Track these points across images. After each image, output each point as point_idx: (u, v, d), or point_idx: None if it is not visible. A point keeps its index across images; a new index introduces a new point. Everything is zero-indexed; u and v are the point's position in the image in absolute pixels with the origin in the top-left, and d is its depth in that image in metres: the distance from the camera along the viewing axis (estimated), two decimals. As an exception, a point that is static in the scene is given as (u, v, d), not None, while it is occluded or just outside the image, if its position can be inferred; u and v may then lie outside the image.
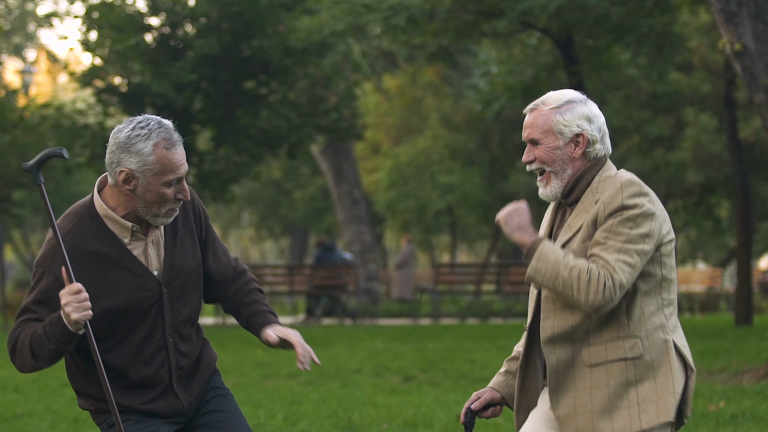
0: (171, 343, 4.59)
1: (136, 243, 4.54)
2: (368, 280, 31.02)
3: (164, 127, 4.48)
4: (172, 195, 4.47)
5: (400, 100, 40.88)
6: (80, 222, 4.51)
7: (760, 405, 10.58)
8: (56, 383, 13.62)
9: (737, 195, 22.61)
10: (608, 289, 4.23)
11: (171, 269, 4.57)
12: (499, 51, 30.00)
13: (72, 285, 4.32)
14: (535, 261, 4.29)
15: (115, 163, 4.45)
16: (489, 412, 4.78)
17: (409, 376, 13.92)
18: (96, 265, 4.47)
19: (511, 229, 4.32)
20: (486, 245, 51.51)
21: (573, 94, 4.48)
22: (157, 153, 4.42)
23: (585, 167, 4.43)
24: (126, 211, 4.50)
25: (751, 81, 13.03)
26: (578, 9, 20.49)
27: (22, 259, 61.04)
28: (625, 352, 4.34)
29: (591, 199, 4.40)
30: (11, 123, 24.76)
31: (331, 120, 26.37)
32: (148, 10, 25.91)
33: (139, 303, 4.51)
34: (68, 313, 4.29)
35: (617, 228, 4.28)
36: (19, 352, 4.45)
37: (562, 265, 4.25)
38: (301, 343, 4.61)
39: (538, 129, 4.44)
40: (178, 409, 4.63)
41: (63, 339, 4.35)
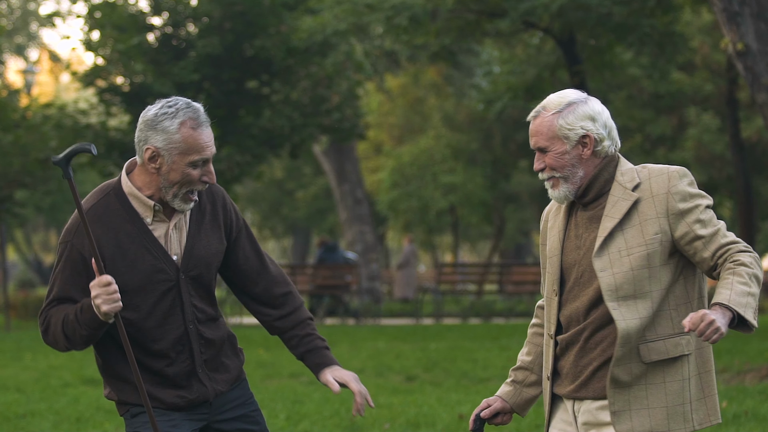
0: (192, 330, 4.58)
1: (158, 224, 4.54)
2: (370, 279, 31.01)
3: (192, 108, 4.48)
4: (197, 176, 4.47)
5: (402, 100, 40.88)
6: (105, 198, 4.53)
7: (762, 405, 10.58)
8: (58, 383, 13.63)
9: (739, 195, 22.61)
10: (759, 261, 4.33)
11: (191, 257, 4.56)
12: (501, 51, 30.00)
13: (102, 277, 4.33)
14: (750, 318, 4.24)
15: (142, 141, 4.47)
16: (498, 419, 4.76)
17: (411, 376, 13.92)
18: (115, 242, 4.48)
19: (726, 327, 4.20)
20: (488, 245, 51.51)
21: (573, 95, 4.44)
22: (183, 132, 4.43)
23: (599, 167, 4.40)
24: (151, 191, 4.50)
25: (754, 80, 13.02)
26: (580, 9, 20.49)
27: (25, 259, 61.07)
28: (683, 348, 4.34)
29: (622, 189, 4.36)
30: (14, 123, 24.77)
31: (333, 120, 26.37)
32: (150, 10, 25.91)
33: (155, 284, 4.51)
34: (98, 306, 4.32)
35: (706, 216, 4.31)
36: (52, 335, 4.49)
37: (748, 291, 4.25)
38: (360, 390, 4.63)
39: (543, 137, 4.41)
40: (204, 396, 4.60)
41: (94, 326, 4.39)
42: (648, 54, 25.29)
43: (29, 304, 28.50)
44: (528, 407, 4.75)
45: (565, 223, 4.50)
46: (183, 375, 4.58)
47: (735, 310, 4.18)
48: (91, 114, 26.55)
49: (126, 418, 4.64)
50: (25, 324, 26.41)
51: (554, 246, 4.50)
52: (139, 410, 4.58)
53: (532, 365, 4.71)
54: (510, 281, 26.78)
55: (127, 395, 4.60)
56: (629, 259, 4.31)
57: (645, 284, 4.31)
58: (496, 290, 28.36)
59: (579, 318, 4.42)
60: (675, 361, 4.33)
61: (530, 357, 4.71)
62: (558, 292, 4.46)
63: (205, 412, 4.66)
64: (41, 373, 14.74)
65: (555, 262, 4.48)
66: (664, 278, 4.33)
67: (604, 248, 4.35)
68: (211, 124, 4.56)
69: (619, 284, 4.31)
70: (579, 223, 4.46)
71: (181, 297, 4.55)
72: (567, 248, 4.47)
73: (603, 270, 4.33)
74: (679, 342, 4.33)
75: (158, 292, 4.52)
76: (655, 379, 4.32)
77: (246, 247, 4.74)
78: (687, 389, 4.34)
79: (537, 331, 4.72)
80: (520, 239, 49.96)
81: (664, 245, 4.32)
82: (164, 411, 4.58)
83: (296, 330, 4.76)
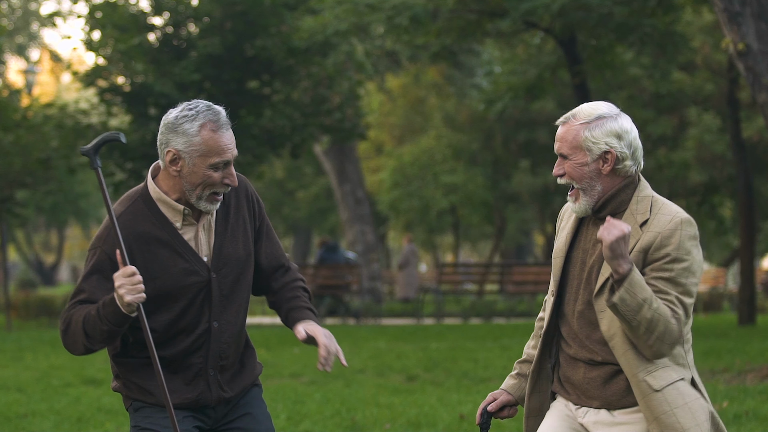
0: (216, 329, 4.58)
1: (187, 227, 4.55)
2: (371, 279, 31.02)
3: (212, 110, 4.49)
4: (218, 179, 4.48)
5: (403, 100, 40.87)
6: (133, 205, 4.54)
7: (763, 405, 10.58)
8: (59, 383, 13.63)
9: (740, 195, 22.60)
10: (674, 345, 4.28)
11: (220, 256, 4.57)
12: (502, 51, 30.00)
13: (126, 267, 4.34)
14: (624, 291, 4.21)
15: (164, 144, 4.49)
16: (505, 412, 4.80)
17: (412, 376, 13.92)
18: (147, 248, 4.49)
19: (614, 256, 4.21)
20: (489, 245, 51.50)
21: (605, 109, 4.42)
22: (203, 134, 4.44)
23: (618, 186, 4.39)
24: (178, 195, 4.52)
25: (755, 80, 13.02)
26: (581, 9, 20.49)
27: (25, 259, 61.08)
28: (681, 373, 4.37)
29: (633, 221, 4.36)
30: (14, 123, 24.77)
31: (334, 120, 26.37)
32: (151, 10, 25.91)
33: (187, 287, 4.52)
34: (121, 296, 4.31)
35: (678, 279, 4.28)
36: (72, 333, 4.46)
37: (647, 303, 4.21)
38: (327, 344, 4.58)
39: (567, 144, 4.40)
40: (205, 400, 4.59)
41: (116, 321, 4.37)
42: (649, 54, 25.28)
43: (30, 304, 28.51)
44: None
45: (574, 228, 4.52)
46: (191, 374, 4.57)
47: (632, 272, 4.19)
48: (92, 114, 26.56)
49: (129, 412, 4.65)
50: (26, 324, 26.42)
51: (560, 248, 4.53)
52: (140, 405, 4.59)
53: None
54: (511, 281, 26.79)
55: (133, 393, 4.60)
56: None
57: (615, 322, 4.32)
58: (497, 290, 28.37)
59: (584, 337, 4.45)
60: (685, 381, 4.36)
61: (535, 350, 4.73)
62: (555, 293, 4.50)
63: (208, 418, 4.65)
64: (42, 373, 14.74)
65: (558, 264, 4.51)
66: None
67: (604, 288, 4.37)
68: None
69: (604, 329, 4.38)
70: (588, 237, 4.47)
71: (211, 295, 4.55)
72: (573, 258, 4.50)
73: (602, 311, 4.37)
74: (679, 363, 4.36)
75: (191, 293, 4.54)
76: (676, 402, 4.33)
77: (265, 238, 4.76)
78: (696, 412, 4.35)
79: (543, 325, 4.75)
80: (521, 239, 49.98)
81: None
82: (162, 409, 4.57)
83: (284, 292, 4.78)
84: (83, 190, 46.53)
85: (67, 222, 54.66)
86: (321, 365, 4.59)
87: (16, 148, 24.48)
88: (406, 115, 40.83)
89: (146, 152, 25.35)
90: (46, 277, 59.96)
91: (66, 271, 69.68)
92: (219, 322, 4.58)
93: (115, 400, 11.98)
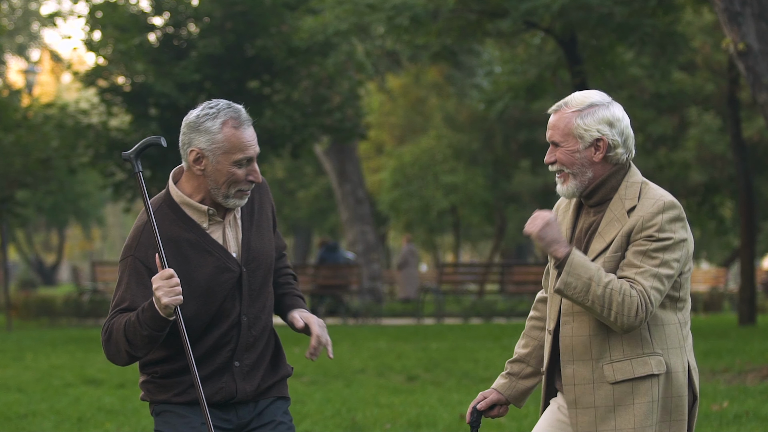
0: (245, 322, 4.59)
1: (214, 226, 4.58)
2: (371, 279, 31.01)
3: (233, 108, 4.52)
4: (242, 176, 4.51)
5: (403, 100, 40.87)
6: (159, 211, 4.56)
7: (763, 405, 10.58)
8: (59, 383, 13.63)
9: (741, 195, 22.60)
10: (640, 315, 4.23)
11: (249, 250, 4.60)
12: (502, 51, 29.98)
13: (164, 270, 4.36)
14: (566, 275, 4.23)
15: (186, 144, 4.52)
16: (495, 411, 4.81)
17: (412, 376, 13.92)
18: (178, 251, 4.51)
19: (546, 243, 4.27)
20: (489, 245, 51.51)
21: (597, 97, 4.47)
22: (225, 131, 4.47)
23: (609, 172, 4.41)
24: (202, 195, 4.55)
25: (755, 80, 13.02)
26: (582, 9, 20.48)
27: (26, 259, 61.08)
28: (651, 368, 4.32)
29: (620, 206, 4.37)
30: (15, 123, 24.77)
31: (334, 120, 26.36)
32: (151, 10, 25.91)
33: (221, 284, 4.53)
34: (159, 298, 4.32)
35: (653, 253, 4.26)
36: (114, 342, 4.46)
37: (595, 281, 4.21)
38: (319, 334, 4.63)
39: (559, 132, 4.42)
40: (229, 392, 4.58)
41: (155, 325, 4.37)
42: (649, 54, 25.27)
43: (30, 304, 28.50)
44: (524, 399, 4.79)
45: (573, 221, 4.53)
46: (216, 368, 4.57)
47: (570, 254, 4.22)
48: (92, 114, 26.55)
49: (153, 416, 4.66)
50: (27, 324, 26.42)
51: None
52: (162, 408, 4.59)
53: (528, 357, 4.75)
54: (511, 281, 26.78)
55: (153, 395, 4.61)
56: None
57: None
58: (498, 290, 28.36)
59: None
60: (643, 381, 4.31)
61: (527, 349, 4.75)
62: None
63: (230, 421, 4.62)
64: (42, 373, 14.74)
65: None
66: None
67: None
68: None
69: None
70: (583, 227, 4.48)
71: (242, 289, 4.57)
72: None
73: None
74: (648, 362, 4.32)
75: (225, 290, 4.55)
76: (624, 400, 4.30)
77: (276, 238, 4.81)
78: (655, 411, 4.31)
79: (535, 324, 4.76)
80: (522, 239, 49.93)
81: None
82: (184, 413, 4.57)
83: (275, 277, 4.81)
84: (83, 190, 46.53)
85: (67, 222, 54.65)
86: (310, 354, 4.62)
87: (16, 148, 24.48)
88: (406, 115, 40.83)
89: (146, 152, 25.35)
90: (46, 277, 59.94)
91: (66, 271, 69.66)
92: (248, 316, 4.60)
93: (115, 400, 11.98)
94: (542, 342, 4.72)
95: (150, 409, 4.66)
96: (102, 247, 79.05)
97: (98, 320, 26.75)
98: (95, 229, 66.77)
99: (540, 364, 4.70)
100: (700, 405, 10.49)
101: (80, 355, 17.36)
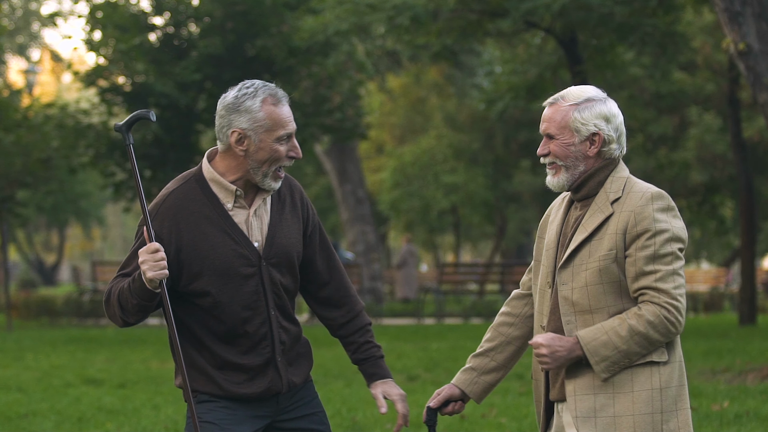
0: (274, 317, 4.61)
1: (238, 210, 4.58)
2: (372, 279, 31.01)
3: (269, 86, 4.58)
4: (284, 152, 4.54)
5: (404, 100, 40.88)
6: (186, 184, 4.59)
7: (763, 405, 10.58)
8: (60, 383, 13.63)
9: (741, 194, 22.61)
10: (674, 322, 4.26)
11: (273, 245, 4.60)
12: (503, 50, 29.99)
13: (150, 244, 4.38)
14: (595, 364, 4.26)
15: (226, 126, 4.55)
16: (450, 407, 4.79)
17: (413, 376, 13.92)
18: (196, 225, 4.53)
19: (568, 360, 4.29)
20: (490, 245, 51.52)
21: (593, 92, 4.48)
22: (266, 109, 4.52)
23: (598, 165, 4.42)
24: (235, 176, 4.57)
25: (755, 80, 13.02)
26: (582, 8, 20.49)
27: (26, 259, 61.08)
28: (652, 356, 4.32)
29: (604, 198, 4.39)
30: (15, 122, 24.77)
31: (335, 119, 26.38)
32: (152, 10, 25.92)
33: (237, 269, 4.54)
34: (144, 271, 4.36)
35: (661, 250, 4.27)
36: (111, 305, 4.52)
37: (619, 342, 4.24)
38: (405, 414, 4.80)
39: (555, 124, 4.44)
40: (277, 387, 4.61)
41: (143, 296, 4.41)
42: (649, 54, 25.27)
43: (31, 304, 28.50)
44: (485, 395, 4.79)
45: (563, 217, 4.54)
46: (261, 363, 4.59)
47: (584, 351, 4.25)
48: (92, 114, 26.57)
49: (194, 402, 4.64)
50: (27, 324, 26.42)
51: (552, 239, 4.52)
52: (204, 398, 4.60)
53: (493, 352, 4.76)
54: (511, 281, 26.77)
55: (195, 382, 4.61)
56: (585, 273, 4.35)
57: (601, 299, 4.33)
58: (498, 290, 28.36)
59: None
60: (643, 369, 4.31)
61: (492, 343, 4.78)
62: (552, 284, 4.48)
63: (270, 409, 4.66)
64: (43, 373, 14.74)
65: (551, 255, 4.50)
66: (622, 292, 4.33)
67: (570, 261, 4.39)
68: (212, 124, 4.59)
69: (575, 299, 4.36)
70: (569, 221, 4.50)
71: (264, 284, 4.58)
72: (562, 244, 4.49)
73: (564, 283, 4.39)
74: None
75: (240, 277, 4.55)
76: (623, 387, 4.31)
77: (318, 246, 4.77)
78: (657, 399, 4.31)
79: (506, 320, 4.78)
80: (522, 239, 49.96)
81: (619, 262, 4.33)
82: (227, 404, 4.59)
83: (355, 336, 4.83)
84: (83, 190, 46.51)
85: (67, 222, 54.64)
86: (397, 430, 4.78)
87: (16, 148, 24.48)
88: (406, 115, 40.84)
89: (146, 152, 25.35)
90: (46, 277, 59.93)
91: (66, 271, 69.65)
92: (275, 310, 4.61)
93: (115, 400, 11.97)
94: (509, 339, 4.73)
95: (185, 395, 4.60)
96: (102, 247, 79.02)
97: (98, 320, 26.75)
98: (95, 229, 66.73)
99: (507, 360, 4.72)
100: (700, 406, 10.53)
101: (80, 355, 17.36)
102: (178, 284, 4.52)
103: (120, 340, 20.18)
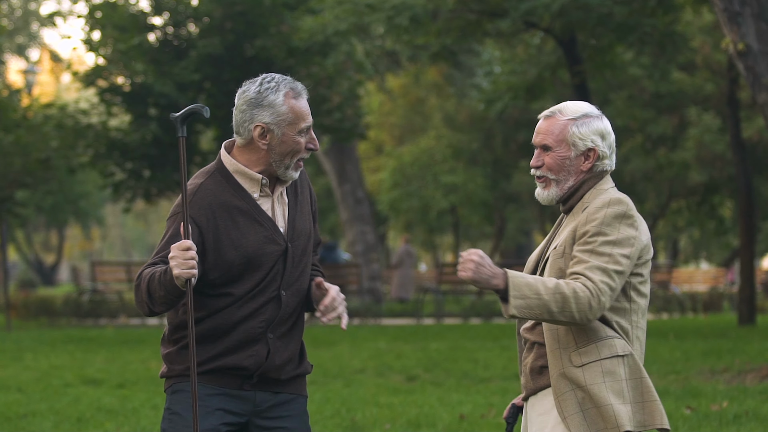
0: (284, 296, 4.65)
1: (263, 198, 4.65)
2: (371, 279, 31.01)
3: (288, 79, 4.68)
4: (304, 144, 4.62)
5: (403, 100, 40.87)
6: (212, 177, 4.65)
7: (763, 405, 10.58)
8: (59, 383, 13.63)
9: (740, 195, 22.61)
10: (594, 307, 4.29)
11: (294, 228, 4.68)
12: (502, 50, 30.00)
13: (183, 241, 4.39)
14: (514, 299, 4.28)
15: (248, 121, 4.61)
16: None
17: (412, 376, 13.92)
18: (229, 216, 4.59)
19: (484, 283, 4.31)
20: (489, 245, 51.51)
21: (589, 108, 4.55)
22: (288, 103, 4.61)
23: (583, 178, 4.50)
24: (258, 168, 4.63)
25: (755, 80, 13.02)
26: (581, 8, 20.49)
27: (25, 259, 61.06)
28: (617, 349, 4.38)
29: (580, 208, 4.48)
30: (14, 123, 24.76)
31: (334, 120, 26.37)
32: (151, 10, 25.91)
33: (267, 255, 4.60)
34: (172, 268, 4.37)
35: (600, 248, 4.33)
36: (140, 290, 4.53)
37: (543, 292, 4.26)
38: (335, 296, 4.69)
39: (552, 137, 4.51)
40: (259, 362, 4.63)
41: (171, 289, 4.42)
42: (649, 54, 25.28)
43: (30, 304, 28.49)
44: None
45: (553, 231, 4.64)
46: (251, 337, 4.62)
47: (508, 281, 4.25)
48: (92, 114, 26.56)
49: (167, 393, 4.72)
50: (26, 324, 26.41)
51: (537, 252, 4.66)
52: (179, 387, 4.65)
53: None
54: (511, 281, 26.74)
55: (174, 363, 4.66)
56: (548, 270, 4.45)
57: None
58: (497, 290, 28.32)
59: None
60: (610, 361, 4.37)
61: None
62: None
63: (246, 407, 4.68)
64: (42, 373, 14.74)
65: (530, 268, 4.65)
66: None
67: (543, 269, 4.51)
68: (211, 124, 4.62)
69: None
70: (553, 234, 4.63)
71: (285, 264, 4.64)
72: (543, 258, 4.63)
73: None
74: (613, 344, 4.40)
75: (271, 262, 4.62)
76: (595, 379, 4.35)
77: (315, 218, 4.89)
78: (627, 390, 4.37)
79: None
80: (521, 239, 49.95)
81: (566, 258, 4.41)
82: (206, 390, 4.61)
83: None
84: (83, 190, 46.49)
85: (67, 222, 54.60)
86: (320, 312, 4.68)
87: (16, 148, 24.47)
88: (406, 115, 40.83)
89: (146, 152, 25.35)
90: (46, 277, 59.92)
91: (66, 271, 69.65)
92: (287, 291, 4.66)
93: (115, 400, 11.97)
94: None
95: (166, 386, 4.70)
96: (101, 247, 78.99)
97: (98, 320, 26.75)
98: (95, 229, 66.72)
99: None
100: (699, 406, 10.53)
101: (80, 355, 17.36)
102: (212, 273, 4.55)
103: (119, 341, 20.18)
